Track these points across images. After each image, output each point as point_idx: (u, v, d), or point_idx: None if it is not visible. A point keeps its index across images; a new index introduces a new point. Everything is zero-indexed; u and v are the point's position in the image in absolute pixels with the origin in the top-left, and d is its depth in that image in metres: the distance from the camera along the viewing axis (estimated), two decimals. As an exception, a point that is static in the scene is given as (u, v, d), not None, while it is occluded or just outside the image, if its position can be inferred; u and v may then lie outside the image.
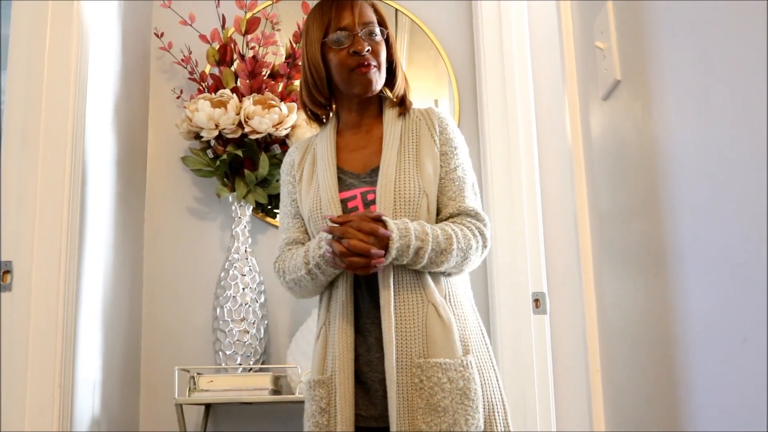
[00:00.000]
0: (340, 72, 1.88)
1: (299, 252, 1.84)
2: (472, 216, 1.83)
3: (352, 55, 1.86)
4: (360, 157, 1.91)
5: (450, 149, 1.88)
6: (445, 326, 1.73)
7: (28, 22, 2.14)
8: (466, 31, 2.91)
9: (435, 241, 1.72)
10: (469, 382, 1.71)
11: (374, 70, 1.88)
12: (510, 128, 2.67)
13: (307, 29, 1.95)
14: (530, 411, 2.47)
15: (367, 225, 1.68)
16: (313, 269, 1.79)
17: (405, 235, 1.70)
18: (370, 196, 1.83)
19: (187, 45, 2.77)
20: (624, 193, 1.32)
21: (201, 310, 2.68)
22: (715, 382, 0.98)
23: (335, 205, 1.82)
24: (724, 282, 0.94)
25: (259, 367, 2.49)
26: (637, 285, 1.27)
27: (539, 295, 2.55)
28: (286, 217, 1.98)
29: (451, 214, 1.83)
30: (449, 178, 1.85)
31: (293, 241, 1.93)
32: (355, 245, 1.66)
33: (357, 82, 1.87)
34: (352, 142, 1.95)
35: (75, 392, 2.08)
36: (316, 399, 1.77)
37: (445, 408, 1.67)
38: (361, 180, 1.86)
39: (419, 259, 1.72)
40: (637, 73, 1.23)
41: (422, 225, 1.74)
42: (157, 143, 2.82)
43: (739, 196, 0.89)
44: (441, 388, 1.68)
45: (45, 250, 2.03)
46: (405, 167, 1.82)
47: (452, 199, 1.84)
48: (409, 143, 1.87)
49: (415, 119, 1.92)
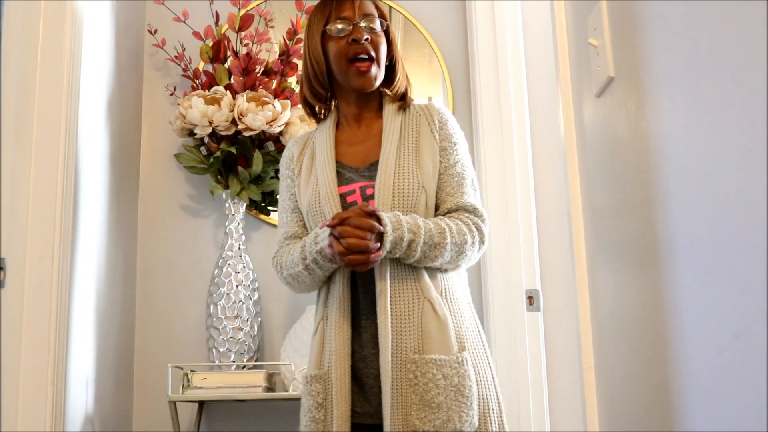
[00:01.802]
0: (338, 62, 1.88)
1: (296, 247, 1.84)
2: (470, 211, 1.83)
3: (351, 44, 1.86)
4: (359, 151, 1.91)
5: (449, 145, 1.88)
6: (440, 322, 1.73)
7: (21, 18, 2.13)
8: (460, 29, 2.91)
9: (428, 235, 1.72)
10: (464, 379, 1.70)
11: (374, 65, 1.88)
12: (504, 125, 2.67)
13: (309, 23, 1.95)
14: (524, 408, 2.48)
15: (365, 222, 1.68)
16: (310, 264, 1.79)
17: (397, 228, 1.70)
18: (369, 190, 1.83)
19: (181, 42, 2.76)
20: (617, 190, 1.33)
21: (194, 307, 2.68)
22: (708, 379, 0.98)
23: (334, 200, 1.82)
24: (717, 278, 0.94)
25: (252, 364, 2.48)
26: (631, 282, 1.27)
27: (533, 292, 2.55)
28: (284, 212, 1.98)
29: (450, 210, 1.83)
30: (448, 173, 1.85)
31: (292, 235, 1.93)
32: (354, 244, 1.66)
33: (356, 77, 1.87)
34: (352, 136, 1.95)
35: (68, 389, 2.07)
36: (312, 394, 1.76)
37: (439, 404, 1.67)
38: (360, 174, 1.86)
39: (412, 252, 1.72)
40: (630, 70, 1.23)
41: (414, 218, 1.74)
42: (151, 140, 2.81)
43: (732, 192, 0.89)
44: (435, 385, 1.68)
45: (38, 246, 2.03)
46: (404, 162, 1.82)
47: (451, 194, 1.84)
48: (408, 138, 1.87)
49: (415, 114, 1.91)
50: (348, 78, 1.88)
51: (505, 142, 2.66)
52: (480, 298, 2.64)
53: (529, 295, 2.55)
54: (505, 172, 2.64)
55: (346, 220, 1.68)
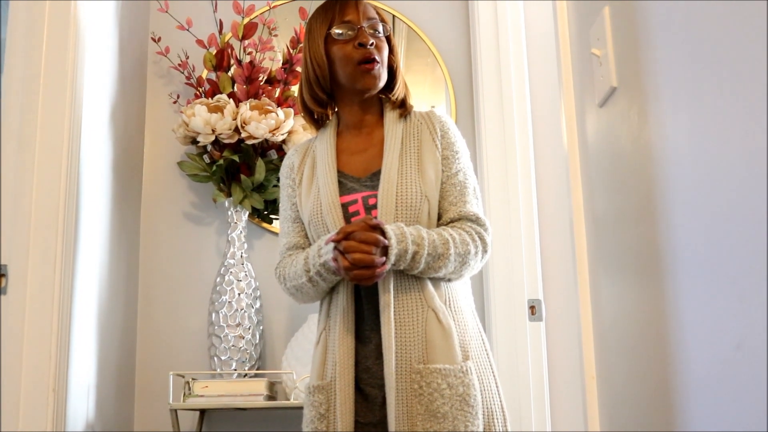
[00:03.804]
0: (345, 65, 1.87)
1: (299, 259, 1.83)
2: (473, 221, 1.82)
3: (358, 48, 1.85)
4: (361, 160, 1.90)
5: (451, 153, 1.87)
6: (445, 332, 1.72)
7: (24, 25, 2.14)
8: (463, 38, 2.91)
9: (431, 246, 1.72)
10: (469, 388, 1.70)
11: (378, 66, 1.87)
12: (506, 134, 2.68)
13: (309, 27, 1.94)
14: (526, 418, 2.47)
15: (370, 236, 1.67)
16: (314, 277, 1.78)
17: (402, 240, 1.69)
18: (371, 200, 1.82)
19: (184, 50, 2.77)
20: (620, 200, 1.33)
21: (196, 315, 2.68)
22: (710, 388, 0.98)
23: (336, 210, 1.81)
24: (719, 288, 0.94)
25: (254, 372, 2.48)
26: (633, 291, 1.27)
27: (535, 302, 2.55)
28: (286, 222, 1.97)
29: (452, 219, 1.82)
30: (450, 182, 1.84)
31: (294, 245, 1.92)
32: (360, 259, 1.65)
33: (362, 77, 1.86)
34: (353, 144, 1.93)
35: (69, 397, 2.07)
36: (315, 405, 1.76)
37: (444, 414, 1.66)
38: (362, 184, 1.85)
39: (416, 264, 1.72)
40: (633, 79, 1.24)
41: (418, 230, 1.73)
42: (154, 148, 2.82)
43: (734, 202, 0.89)
44: (441, 395, 1.67)
45: (40, 253, 2.03)
46: (407, 172, 1.81)
47: (453, 204, 1.83)
48: (410, 147, 1.86)
49: (416, 122, 1.91)
50: (354, 80, 1.87)
51: (508, 150, 2.66)
52: (482, 307, 2.64)
53: (532, 305, 2.55)
54: (508, 180, 2.64)
55: (350, 234, 1.67)
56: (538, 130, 2.69)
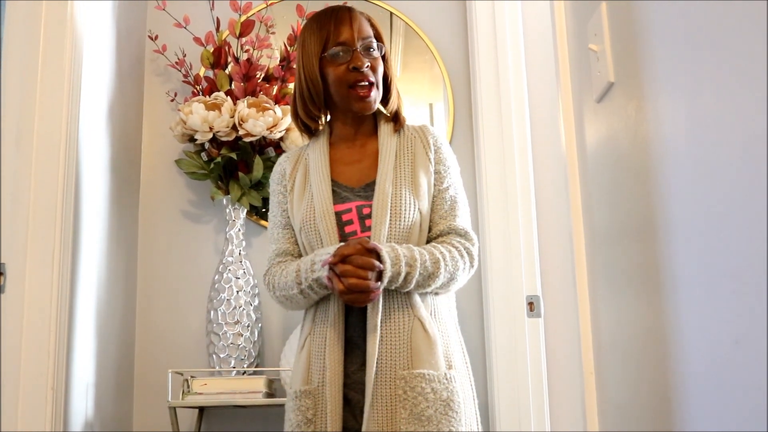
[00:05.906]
0: (338, 88, 1.88)
1: (290, 269, 1.84)
2: (461, 235, 1.87)
3: (351, 71, 1.86)
4: (355, 171, 1.92)
5: (444, 168, 1.91)
6: (430, 340, 1.76)
7: (22, 24, 2.13)
8: (461, 35, 2.91)
9: (423, 266, 1.75)
10: (453, 395, 1.73)
11: (373, 89, 1.88)
12: (504, 131, 2.68)
13: (303, 42, 1.93)
14: (524, 414, 2.47)
15: (367, 261, 1.69)
16: (305, 290, 1.80)
17: (396, 263, 1.72)
18: (365, 210, 1.84)
19: (182, 48, 2.77)
20: (617, 198, 1.33)
21: (195, 312, 2.68)
22: (709, 386, 0.98)
23: (329, 217, 1.82)
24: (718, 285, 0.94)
25: (252, 370, 2.48)
26: (630, 286, 1.27)
27: (533, 298, 2.55)
28: (275, 228, 1.98)
29: (441, 232, 1.87)
30: (441, 197, 1.89)
31: (284, 252, 1.94)
32: (356, 284, 1.68)
33: (355, 101, 1.87)
34: (347, 155, 1.95)
35: (68, 394, 2.07)
36: (302, 409, 1.77)
37: (429, 417, 1.68)
38: (356, 194, 1.87)
39: (407, 283, 1.75)
40: (630, 75, 1.24)
41: (411, 250, 1.76)
42: (152, 146, 2.82)
43: (733, 198, 0.89)
44: (425, 398, 1.69)
45: (38, 252, 2.03)
46: (400, 184, 1.84)
47: (443, 217, 1.87)
48: (404, 160, 1.89)
49: (409, 136, 1.93)
50: (348, 103, 1.89)
51: (506, 146, 2.67)
52: (480, 303, 2.64)
53: (530, 301, 2.55)
54: (506, 176, 2.64)
55: (347, 257, 1.69)
56: (535, 126, 2.70)
